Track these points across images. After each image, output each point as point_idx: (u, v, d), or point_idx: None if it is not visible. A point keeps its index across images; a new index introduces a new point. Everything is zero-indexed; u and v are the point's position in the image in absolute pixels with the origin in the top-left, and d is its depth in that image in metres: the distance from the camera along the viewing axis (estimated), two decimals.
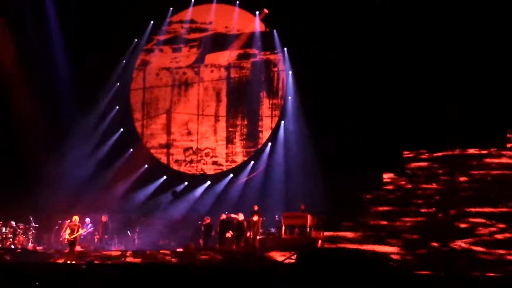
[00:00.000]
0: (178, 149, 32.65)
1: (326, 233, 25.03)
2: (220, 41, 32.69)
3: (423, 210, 24.92)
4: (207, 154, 32.14)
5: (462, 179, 25.27)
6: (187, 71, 33.01)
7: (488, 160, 25.31)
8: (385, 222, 25.07)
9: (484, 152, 25.48)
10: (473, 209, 24.14)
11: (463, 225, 23.87)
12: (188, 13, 32.98)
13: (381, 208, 25.61)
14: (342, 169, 27.21)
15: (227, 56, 32.57)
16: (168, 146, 32.81)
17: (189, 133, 32.66)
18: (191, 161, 32.36)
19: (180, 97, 33.02)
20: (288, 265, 21.64)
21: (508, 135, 25.59)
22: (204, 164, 32.18)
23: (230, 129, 32.12)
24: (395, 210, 25.38)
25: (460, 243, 23.18)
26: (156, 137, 33.03)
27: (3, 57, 30.53)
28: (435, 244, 23.20)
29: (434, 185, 25.61)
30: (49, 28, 31.37)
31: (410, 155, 26.48)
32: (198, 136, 32.49)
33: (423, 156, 26.34)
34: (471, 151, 25.72)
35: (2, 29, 30.58)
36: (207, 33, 32.80)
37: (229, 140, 32.05)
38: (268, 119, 31.60)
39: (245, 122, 31.95)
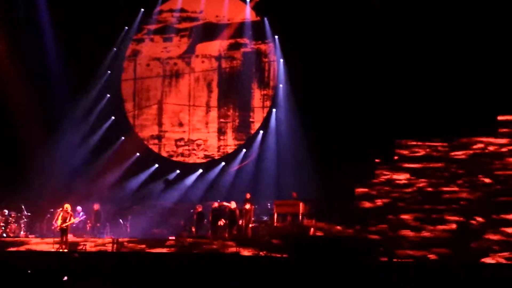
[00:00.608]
0: (170, 141, 32.31)
1: None
2: (210, 31, 32.35)
3: (449, 217, 23.36)
4: (198, 146, 31.93)
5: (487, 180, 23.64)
6: (178, 61, 32.67)
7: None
8: (408, 232, 23.69)
9: (504, 150, 24.15)
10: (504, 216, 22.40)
11: (494, 237, 22.34)
12: (179, 1, 32.66)
13: (404, 216, 24.25)
14: (334, 157, 27.14)
15: (218, 46, 32.28)
16: (159, 137, 32.52)
17: (180, 124, 32.40)
18: (182, 154, 32.11)
19: (171, 88, 32.66)
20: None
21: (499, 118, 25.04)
22: (197, 158, 31.87)
23: (222, 120, 31.87)
24: (418, 217, 23.85)
25: (498, 258, 21.68)
26: (147, 127, 32.58)
27: None
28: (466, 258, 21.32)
29: (455, 188, 24.13)
30: (39, 17, 31.00)
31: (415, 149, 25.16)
32: (190, 127, 32.25)
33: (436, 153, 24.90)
34: (491, 148, 24.39)
35: None
36: (198, 22, 32.50)
37: (221, 132, 31.84)
38: (259, 110, 31.41)
39: (237, 113, 31.73)
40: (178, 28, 32.66)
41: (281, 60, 30.73)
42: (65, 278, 16.92)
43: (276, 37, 30.77)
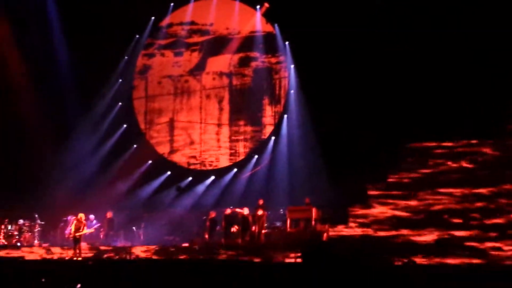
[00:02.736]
0: (182, 159, 31.88)
1: None
2: (221, 44, 31.89)
3: None
4: (210, 164, 31.65)
5: None
6: (189, 78, 32.29)
7: None
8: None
9: None
10: None
11: None
12: (188, 12, 32.31)
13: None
14: (346, 162, 26.83)
15: (229, 60, 31.87)
16: (171, 155, 32.16)
17: (192, 142, 32.04)
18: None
19: (182, 106, 32.32)
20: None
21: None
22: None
23: (233, 137, 31.47)
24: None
25: None
26: (159, 145, 32.26)
27: (7, 55, 30.14)
28: None
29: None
30: (51, 25, 30.82)
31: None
32: (201, 145, 31.91)
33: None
34: None
35: (5, 28, 30.17)
36: (208, 36, 32.14)
37: (233, 149, 31.47)
38: (270, 127, 30.83)
39: (248, 130, 31.38)
40: (189, 42, 32.31)
41: (292, 66, 30.42)
42: (79, 286, 16.72)
43: (287, 43, 30.47)
